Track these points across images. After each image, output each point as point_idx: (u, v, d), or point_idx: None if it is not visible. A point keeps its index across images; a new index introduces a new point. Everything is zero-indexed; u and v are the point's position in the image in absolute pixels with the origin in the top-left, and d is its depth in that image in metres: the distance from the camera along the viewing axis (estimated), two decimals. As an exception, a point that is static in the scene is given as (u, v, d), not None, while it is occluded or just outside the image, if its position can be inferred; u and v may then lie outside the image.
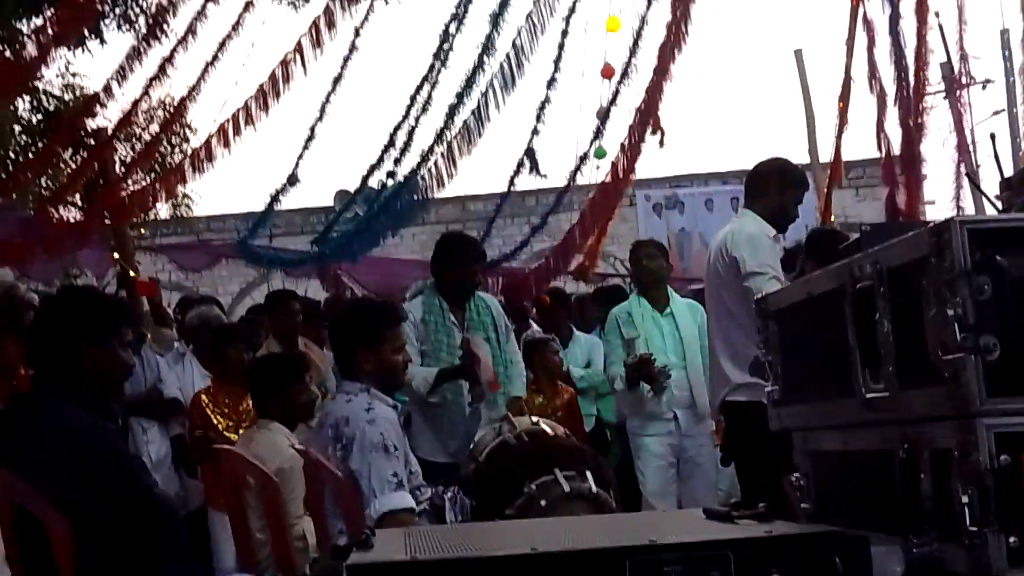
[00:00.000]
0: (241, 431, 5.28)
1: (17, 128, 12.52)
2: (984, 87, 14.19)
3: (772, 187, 4.36)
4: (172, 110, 8.66)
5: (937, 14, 7.69)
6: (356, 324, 3.57)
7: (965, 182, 7.22)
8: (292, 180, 7.32)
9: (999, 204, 1.85)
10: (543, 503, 2.88)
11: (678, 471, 5.46)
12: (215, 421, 5.36)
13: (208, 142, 6.91)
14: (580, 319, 7.37)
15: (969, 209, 6.99)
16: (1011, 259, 1.29)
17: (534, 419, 3.59)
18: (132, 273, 7.21)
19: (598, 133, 7.17)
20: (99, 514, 2.40)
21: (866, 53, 7.48)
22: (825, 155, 8.86)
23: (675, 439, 5.42)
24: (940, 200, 11.20)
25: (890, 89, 7.35)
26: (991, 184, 1.96)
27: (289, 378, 4.36)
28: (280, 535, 3.37)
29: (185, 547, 2.77)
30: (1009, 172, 1.95)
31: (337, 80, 7.20)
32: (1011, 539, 1.22)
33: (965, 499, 1.25)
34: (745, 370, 3.98)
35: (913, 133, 7.16)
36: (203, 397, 5.46)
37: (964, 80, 8.51)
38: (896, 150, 7.39)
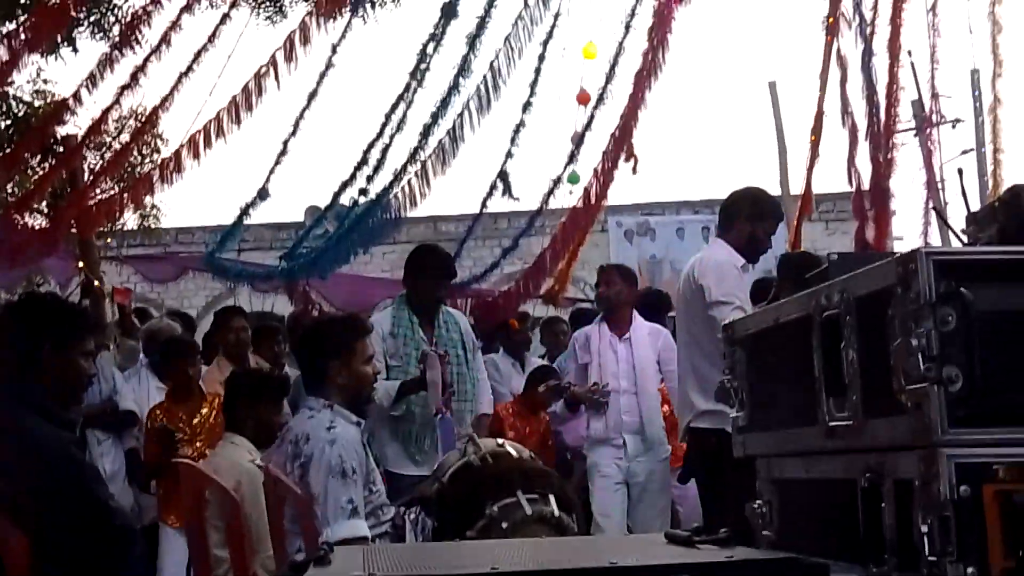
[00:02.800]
0: (197, 444, 5.24)
1: (-15, 132, 12.36)
2: (954, 126, 14.36)
3: (744, 216, 4.38)
4: (143, 119, 8.59)
5: (909, 52, 7.84)
6: (325, 337, 3.54)
7: (933, 218, 7.31)
8: (263, 194, 7.29)
9: (964, 238, 1.86)
10: (505, 525, 2.86)
11: (628, 495, 5.46)
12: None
13: (178, 153, 6.86)
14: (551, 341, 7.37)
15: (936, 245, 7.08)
16: (976, 291, 1.30)
17: (499, 440, 3.57)
18: (97, 282, 7.12)
19: (572, 158, 7.19)
20: (56, 526, 2.36)
21: (839, 87, 7.59)
22: (796, 187, 8.94)
23: (624, 462, 5.43)
24: (908, 236, 11.35)
25: (861, 124, 7.46)
26: (958, 221, 1.97)
27: (267, 398, 4.30)
28: (239, 552, 3.32)
29: (141, 561, 2.72)
30: (976, 208, 1.96)
31: (312, 96, 7.18)
32: (969, 569, 1.23)
33: (925, 529, 1.25)
34: (709, 397, 3.99)
35: (883, 168, 7.25)
36: (156, 412, 5.41)
37: (934, 118, 8.64)
38: (866, 184, 7.48)
